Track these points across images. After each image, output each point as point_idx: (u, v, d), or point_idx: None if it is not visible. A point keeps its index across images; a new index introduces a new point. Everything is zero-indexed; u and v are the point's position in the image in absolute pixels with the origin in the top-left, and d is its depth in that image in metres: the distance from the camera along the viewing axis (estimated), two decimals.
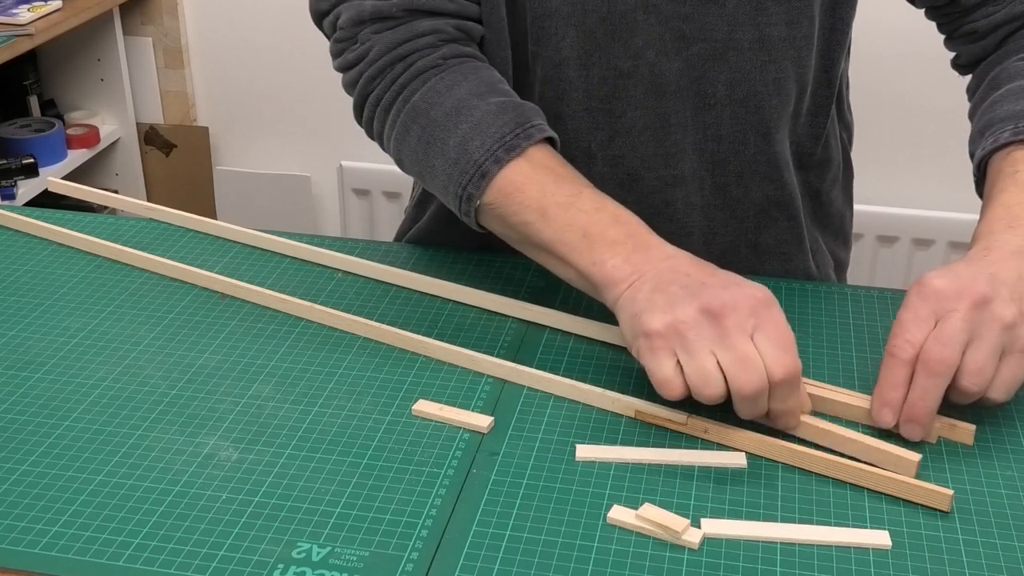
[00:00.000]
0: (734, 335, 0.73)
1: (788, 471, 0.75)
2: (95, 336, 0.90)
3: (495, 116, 0.87)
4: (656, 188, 1.00)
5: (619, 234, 0.81)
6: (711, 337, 0.73)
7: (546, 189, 0.84)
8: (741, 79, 0.95)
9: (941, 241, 2.22)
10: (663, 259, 0.79)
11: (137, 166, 2.62)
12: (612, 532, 0.70)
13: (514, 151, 0.86)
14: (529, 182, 0.85)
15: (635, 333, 0.76)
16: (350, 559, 0.67)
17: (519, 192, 0.85)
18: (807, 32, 0.95)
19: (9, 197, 2.24)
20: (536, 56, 0.97)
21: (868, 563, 0.68)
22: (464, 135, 0.87)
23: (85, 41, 2.47)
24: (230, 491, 0.73)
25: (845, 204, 1.12)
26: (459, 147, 0.87)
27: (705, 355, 0.73)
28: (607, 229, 0.81)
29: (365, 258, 1.01)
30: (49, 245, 1.04)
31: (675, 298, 0.75)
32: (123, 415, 0.80)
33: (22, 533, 0.69)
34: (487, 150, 0.86)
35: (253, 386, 0.84)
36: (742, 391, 0.73)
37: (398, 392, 0.83)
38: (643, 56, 0.94)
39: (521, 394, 0.83)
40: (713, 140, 0.98)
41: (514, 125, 0.87)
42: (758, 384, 0.72)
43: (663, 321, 0.74)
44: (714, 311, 0.73)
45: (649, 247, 0.80)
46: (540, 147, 0.87)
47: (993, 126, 0.90)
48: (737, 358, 0.72)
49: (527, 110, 0.89)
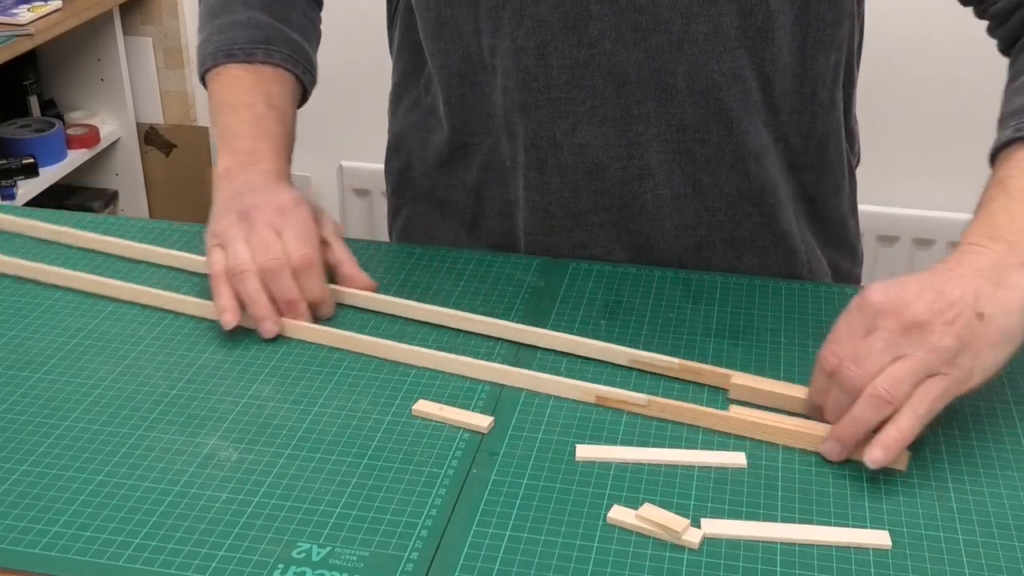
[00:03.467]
0: (259, 228, 0.91)
1: (788, 471, 0.76)
2: (95, 336, 0.90)
3: (238, 27, 1.05)
4: (623, 178, 1.00)
5: (243, 146, 1.00)
6: (243, 232, 0.91)
7: (233, 89, 1.03)
8: (699, 70, 0.95)
9: (941, 241, 2.22)
10: (236, 179, 0.97)
11: (137, 166, 2.62)
12: (612, 532, 0.70)
13: (232, 58, 1.03)
14: (223, 84, 1.04)
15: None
16: (350, 559, 0.67)
17: (215, 89, 1.05)
18: (762, 24, 0.94)
19: (9, 197, 2.24)
20: (495, 48, 0.97)
21: (868, 563, 0.68)
22: (217, 27, 1.06)
23: (85, 41, 2.48)
24: (230, 491, 0.73)
25: (849, 215, 1.11)
26: (205, 35, 1.07)
27: (238, 244, 0.90)
28: (239, 138, 1.01)
29: (365, 258, 1.01)
30: (49, 245, 1.04)
31: (224, 208, 0.94)
32: (123, 415, 0.80)
33: (22, 533, 0.69)
34: (217, 47, 1.04)
35: (253, 386, 0.84)
36: (264, 267, 0.89)
37: (398, 392, 0.83)
38: (599, 46, 0.95)
39: (521, 394, 0.83)
40: (677, 130, 0.98)
41: (245, 41, 1.04)
42: (277, 263, 0.89)
43: (214, 227, 0.94)
44: (245, 213, 0.92)
45: (245, 171, 0.98)
46: (245, 67, 1.03)
47: (1004, 120, 0.88)
48: (260, 243, 0.90)
49: (274, 36, 1.05)
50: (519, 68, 0.97)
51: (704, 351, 0.88)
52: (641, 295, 0.96)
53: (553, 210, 1.03)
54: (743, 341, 0.90)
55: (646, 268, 1.01)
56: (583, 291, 0.96)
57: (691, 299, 0.96)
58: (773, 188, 1.02)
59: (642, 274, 0.99)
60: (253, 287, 0.89)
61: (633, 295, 0.96)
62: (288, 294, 0.90)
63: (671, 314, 0.93)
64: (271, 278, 0.89)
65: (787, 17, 0.95)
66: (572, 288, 0.97)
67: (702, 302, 0.95)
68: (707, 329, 0.91)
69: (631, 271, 1.00)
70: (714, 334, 0.91)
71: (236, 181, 0.96)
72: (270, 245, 0.90)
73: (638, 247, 1.03)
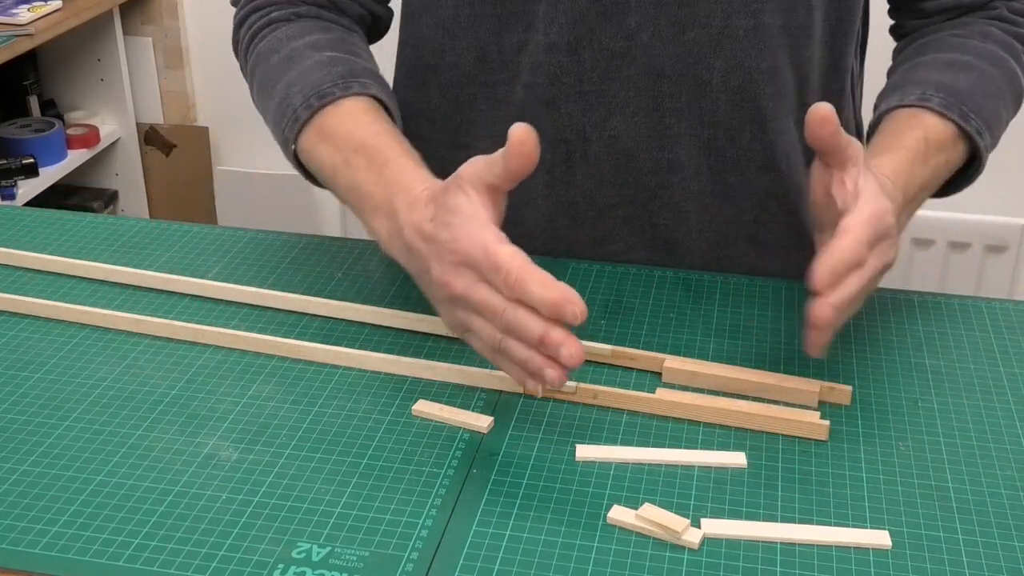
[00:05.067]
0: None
1: (788, 471, 0.76)
2: (95, 336, 0.90)
3: (321, 68, 0.93)
4: (651, 170, 1.00)
5: (379, 195, 0.83)
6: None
7: (340, 143, 0.88)
8: (736, 67, 0.95)
9: (941, 241, 2.22)
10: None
11: (137, 166, 2.62)
12: (612, 532, 0.70)
13: (326, 99, 0.90)
14: (330, 133, 0.89)
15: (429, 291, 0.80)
16: (350, 559, 0.67)
17: (322, 141, 0.89)
18: (804, 21, 0.95)
19: (9, 197, 2.24)
20: (524, 44, 0.97)
21: (868, 563, 0.68)
22: (290, 81, 0.93)
23: (85, 41, 2.48)
24: (230, 491, 0.73)
25: None
26: (284, 92, 0.93)
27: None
28: (372, 191, 0.84)
29: (365, 258, 1.01)
30: (49, 245, 1.04)
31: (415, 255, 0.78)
32: (123, 415, 0.80)
33: (22, 533, 0.69)
34: (304, 97, 0.90)
35: (253, 386, 0.84)
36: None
37: (398, 392, 0.83)
38: (636, 38, 0.95)
39: (521, 394, 0.83)
40: (709, 126, 0.98)
41: (336, 77, 0.91)
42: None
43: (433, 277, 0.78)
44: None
45: (393, 212, 0.81)
46: (356, 100, 0.91)
47: (905, 87, 0.94)
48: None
49: (357, 68, 0.94)
50: (550, 63, 0.97)
51: (704, 351, 0.88)
52: (641, 295, 0.96)
53: (578, 203, 1.02)
54: (743, 341, 0.90)
55: (646, 268, 1.01)
56: (583, 291, 0.96)
57: (691, 299, 0.96)
58: (799, 188, 1.02)
59: (642, 274, 0.99)
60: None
61: (633, 295, 0.96)
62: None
63: (671, 314, 0.94)
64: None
65: (820, 12, 0.96)
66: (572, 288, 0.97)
67: (702, 302, 0.95)
68: (707, 329, 0.91)
69: (631, 271, 1.00)
70: (714, 334, 0.91)
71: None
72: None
73: (660, 242, 1.03)
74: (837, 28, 0.98)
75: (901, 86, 0.95)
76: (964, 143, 0.93)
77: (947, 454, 0.78)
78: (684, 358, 0.85)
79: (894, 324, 0.93)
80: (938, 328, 0.93)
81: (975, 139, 0.92)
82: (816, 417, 0.79)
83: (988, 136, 0.94)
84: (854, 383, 0.84)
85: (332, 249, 1.03)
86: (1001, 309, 0.95)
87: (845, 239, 0.76)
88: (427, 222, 0.77)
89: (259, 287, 0.95)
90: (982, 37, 0.98)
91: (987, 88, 0.94)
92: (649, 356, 0.86)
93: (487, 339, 0.74)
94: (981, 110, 0.93)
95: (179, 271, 0.99)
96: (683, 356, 0.86)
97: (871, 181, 0.79)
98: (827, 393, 0.82)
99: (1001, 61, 0.97)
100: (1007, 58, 0.97)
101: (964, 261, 2.27)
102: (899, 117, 0.93)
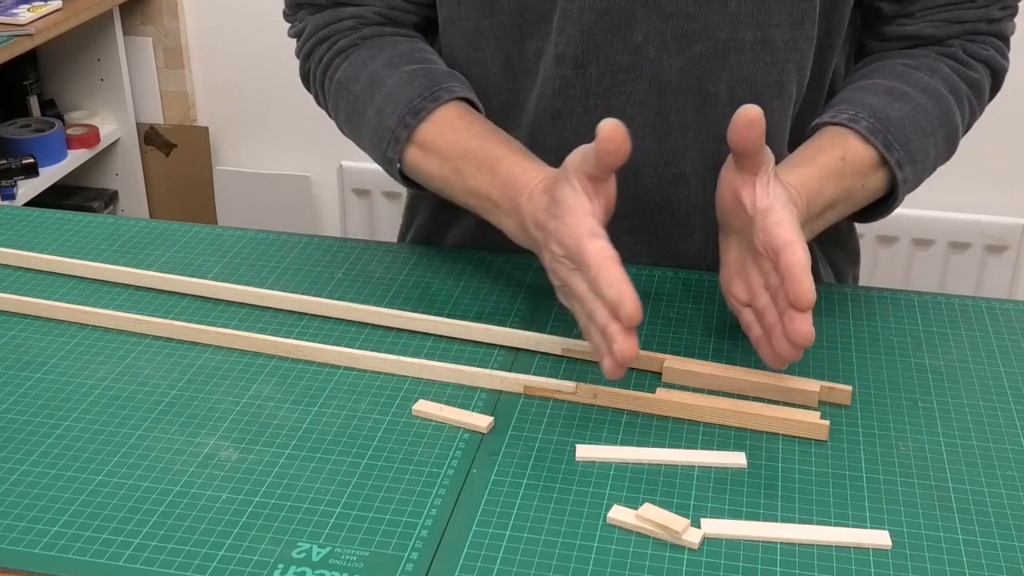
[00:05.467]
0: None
1: (788, 471, 0.76)
2: (95, 336, 0.90)
3: (405, 84, 0.96)
4: (657, 185, 1.00)
5: (497, 195, 0.89)
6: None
7: (445, 154, 0.93)
8: (743, 80, 0.95)
9: (941, 241, 2.22)
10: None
11: (137, 166, 2.62)
12: (612, 532, 0.70)
13: (421, 114, 0.93)
14: (433, 146, 0.93)
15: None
16: (350, 559, 0.67)
17: (427, 155, 0.94)
18: (810, 34, 0.94)
19: (9, 197, 2.24)
20: (541, 52, 0.97)
21: (868, 563, 0.68)
22: (379, 105, 0.96)
23: (85, 41, 2.48)
24: (230, 491, 0.73)
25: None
26: (376, 116, 0.96)
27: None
28: (490, 192, 0.90)
29: (365, 258, 1.01)
30: (49, 245, 1.04)
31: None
32: (123, 415, 0.80)
33: (22, 533, 0.69)
34: (399, 117, 0.94)
35: (253, 386, 0.84)
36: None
37: (398, 392, 0.83)
38: (643, 52, 0.94)
39: (521, 394, 0.83)
40: (715, 140, 0.98)
41: (422, 90, 0.95)
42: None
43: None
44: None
45: (516, 207, 0.87)
46: (447, 108, 0.94)
47: (841, 105, 0.94)
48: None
49: (437, 75, 0.96)
50: (557, 75, 0.96)
51: (704, 351, 0.88)
52: (641, 295, 0.96)
53: None
54: (743, 341, 0.90)
55: (646, 268, 1.01)
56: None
57: (691, 299, 0.96)
58: None
59: (642, 274, 0.99)
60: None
61: None
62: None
63: (671, 314, 0.94)
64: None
65: (819, 26, 0.95)
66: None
67: (702, 302, 0.95)
68: (707, 329, 0.91)
69: (631, 271, 1.00)
70: (714, 334, 0.91)
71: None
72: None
73: (665, 253, 1.03)
74: (826, 40, 0.97)
75: (838, 104, 0.95)
76: (885, 172, 0.93)
77: (947, 454, 0.78)
78: (684, 358, 0.86)
79: (894, 324, 0.93)
80: (938, 328, 0.93)
81: (894, 170, 0.92)
82: (816, 417, 0.79)
83: (909, 169, 0.93)
84: (854, 383, 0.84)
85: (332, 249, 1.03)
86: (1001, 309, 0.96)
87: (799, 250, 0.76)
88: (542, 212, 0.83)
89: (259, 287, 0.95)
90: (929, 71, 0.97)
91: (919, 122, 0.94)
92: (649, 356, 0.86)
93: (580, 319, 0.81)
94: (908, 143, 0.92)
95: (179, 271, 0.99)
96: (683, 356, 0.86)
97: (782, 191, 0.80)
98: (827, 393, 0.82)
99: (941, 98, 0.96)
100: (948, 97, 0.96)
101: (964, 261, 2.27)
102: (826, 134, 0.93)
